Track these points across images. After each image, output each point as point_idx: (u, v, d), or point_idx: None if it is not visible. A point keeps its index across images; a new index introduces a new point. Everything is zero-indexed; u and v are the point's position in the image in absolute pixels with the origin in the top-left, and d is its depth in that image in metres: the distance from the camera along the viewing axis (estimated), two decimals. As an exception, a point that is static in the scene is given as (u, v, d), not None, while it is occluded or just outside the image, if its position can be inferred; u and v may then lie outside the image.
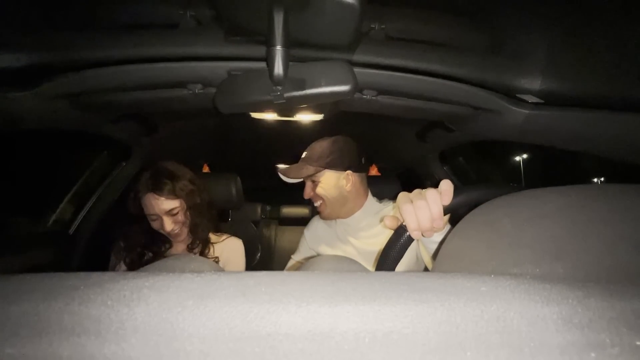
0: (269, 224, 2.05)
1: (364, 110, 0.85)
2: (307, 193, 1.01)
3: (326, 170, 0.96)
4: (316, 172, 0.97)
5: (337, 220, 1.03)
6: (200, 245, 1.03)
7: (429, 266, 0.80)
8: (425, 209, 0.48)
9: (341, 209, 0.99)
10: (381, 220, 0.98)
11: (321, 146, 0.98)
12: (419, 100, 0.79)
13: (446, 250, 0.38)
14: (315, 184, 0.98)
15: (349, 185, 0.97)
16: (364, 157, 1.03)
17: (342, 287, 0.22)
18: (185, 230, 0.99)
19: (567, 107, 0.63)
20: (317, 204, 1.01)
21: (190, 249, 1.02)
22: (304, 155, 1.01)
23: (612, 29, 0.52)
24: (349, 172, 0.98)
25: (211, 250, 1.04)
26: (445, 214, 0.49)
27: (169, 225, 0.93)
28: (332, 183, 0.97)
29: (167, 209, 0.93)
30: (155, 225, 0.95)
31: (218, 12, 0.60)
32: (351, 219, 1.00)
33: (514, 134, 0.78)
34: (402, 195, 0.52)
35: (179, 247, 1.03)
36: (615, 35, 0.52)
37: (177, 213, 0.95)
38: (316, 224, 1.10)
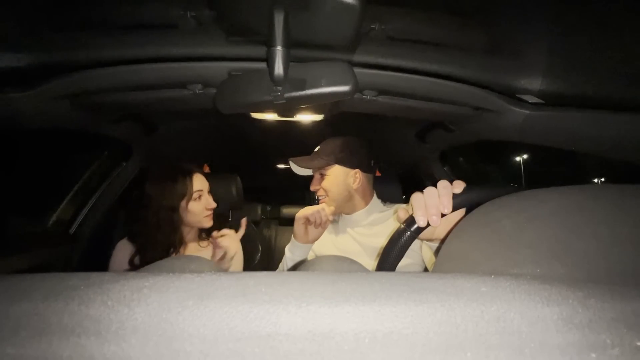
0: (269, 224, 2.05)
1: (364, 111, 0.85)
2: (314, 185, 1.03)
3: (336, 165, 0.99)
4: (326, 165, 0.99)
5: (341, 216, 1.05)
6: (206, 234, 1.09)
7: (429, 268, 0.80)
8: (434, 194, 0.49)
9: (344, 205, 1.01)
10: (384, 220, 1.00)
11: (334, 142, 1.01)
12: (419, 100, 0.78)
13: (446, 251, 0.38)
14: (323, 177, 1.00)
15: (355, 183, 1.00)
16: (374, 160, 1.06)
17: (342, 287, 0.22)
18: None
19: (567, 107, 0.63)
20: (321, 197, 1.02)
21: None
22: (316, 149, 1.04)
23: (612, 28, 0.52)
24: (357, 170, 1.00)
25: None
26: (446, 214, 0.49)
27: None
28: (340, 178, 0.99)
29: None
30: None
31: (218, 13, 0.60)
32: (355, 215, 1.02)
33: (514, 134, 0.78)
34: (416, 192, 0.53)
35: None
36: (615, 35, 0.52)
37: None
38: None
